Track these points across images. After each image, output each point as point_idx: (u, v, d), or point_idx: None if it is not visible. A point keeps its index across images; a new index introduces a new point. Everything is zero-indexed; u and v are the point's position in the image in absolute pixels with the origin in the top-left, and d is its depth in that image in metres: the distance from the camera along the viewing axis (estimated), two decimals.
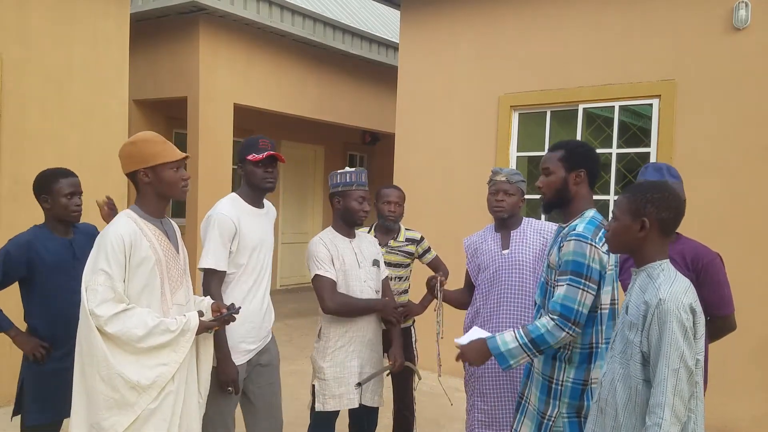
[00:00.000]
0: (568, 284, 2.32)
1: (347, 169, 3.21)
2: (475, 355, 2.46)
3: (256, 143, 3.01)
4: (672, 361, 1.83)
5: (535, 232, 3.15)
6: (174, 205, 8.27)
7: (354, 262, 3.17)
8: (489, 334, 2.63)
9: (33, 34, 4.90)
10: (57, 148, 5.05)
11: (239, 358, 2.91)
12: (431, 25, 6.35)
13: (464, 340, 2.60)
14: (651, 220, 1.98)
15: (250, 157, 2.98)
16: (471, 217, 6.02)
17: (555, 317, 2.31)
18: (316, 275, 3.10)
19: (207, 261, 2.83)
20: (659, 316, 1.87)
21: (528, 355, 2.35)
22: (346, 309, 3.09)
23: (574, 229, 2.37)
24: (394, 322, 3.24)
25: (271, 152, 2.97)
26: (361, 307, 3.12)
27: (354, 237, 3.27)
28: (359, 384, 3.08)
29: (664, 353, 1.84)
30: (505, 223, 3.21)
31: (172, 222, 2.63)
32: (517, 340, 2.35)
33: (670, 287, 1.91)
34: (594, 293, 2.32)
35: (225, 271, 2.87)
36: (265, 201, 3.15)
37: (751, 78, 4.67)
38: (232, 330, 2.85)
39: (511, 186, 3.14)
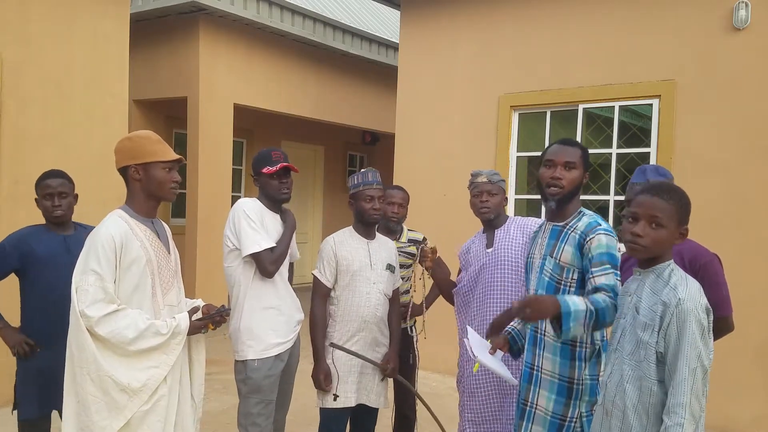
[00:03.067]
0: (608, 273, 2.32)
1: (361, 171, 3.28)
2: (542, 307, 2.22)
3: (270, 156, 3.11)
4: (691, 361, 1.84)
5: (518, 228, 3.16)
6: (174, 205, 8.27)
7: (366, 263, 3.21)
8: (483, 340, 2.67)
9: (33, 34, 4.89)
10: (57, 148, 5.05)
11: (268, 352, 3.01)
12: (431, 25, 6.35)
13: (476, 349, 2.53)
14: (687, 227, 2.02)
15: (264, 170, 3.08)
16: (471, 217, 6.00)
17: (611, 298, 2.25)
18: (314, 274, 3.25)
19: (261, 243, 2.95)
20: (678, 315, 1.88)
21: (584, 324, 2.20)
22: (309, 321, 3.21)
23: (598, 224, 2.41)
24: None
25: (285, 164, 3.08)
26: (312, 334, 3.17)
27: (373, 238, 3.32)
28: (332, 344, 3.14)
29: (684, 353, 1.85)
30: (491, 223, 3.22)
31: (163, 223, 2.63)
32: (586, 305, 2.21)
33: (686, 287, 1.93)
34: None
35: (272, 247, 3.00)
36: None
37: (751, 78, 4.67)
38: (259, 324, 3.00)
39: (493, 186, 3.16)
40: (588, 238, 2.38)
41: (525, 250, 3.05)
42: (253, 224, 2.96)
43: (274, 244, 2.99)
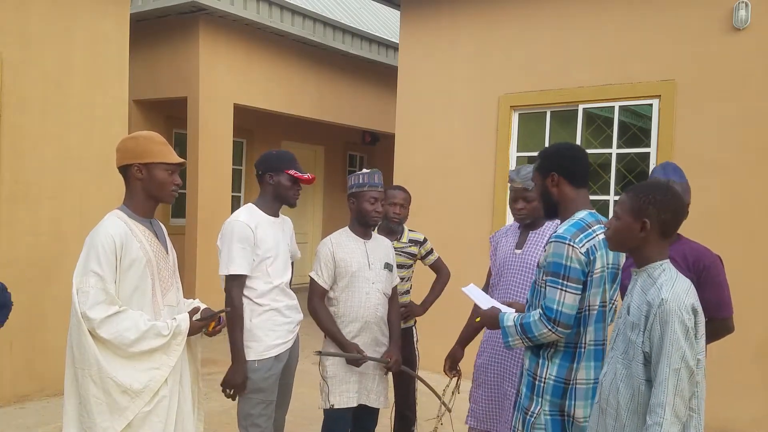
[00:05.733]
0: (549, 285, 2.35)
1: (363, 170, 3.25)
2: (489, 322, 2.59)
3: (294, 160, 3.08)
4: (673, 361, 1.84)
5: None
6: (174, 205, 8.27)
7: (364, 263, 3.21)
8: (483, 293, 2.75)
9: (33, 34, 4.89)
10: (57, 148, 5.05)
11: (268, 353, 3.00)
12: (431, 25, 6.35)
13: (469, 289, 2.74)
14: (652, 221, 1.99)
15: (291, 172, 3.03)
16: (471, 217, 6.02)
17: (541, 312, 2.35)
18: (311, 276, 3.24)
19: (229, 267, 2.92)
20: (661, 316, 1.88)
21: (519, 338, 2.41)
22: (316, 322, 3.21)
23: (555, 231, 2.40)
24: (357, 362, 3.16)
25: (313, 177, 3.08)
26: (327, 330, 3.17)
27: (369, 238, 3.31)
28: (319, 352, 3.13)
29: (666, 353, 1.85)
30: (528, 225, 3.15)
31: (160, 223, 2.63)
32: (514, 321, 2.44)
33: (672, 287, 1.92)
34: (576, 293, 2.31)
35: (246, 275, 2.96)
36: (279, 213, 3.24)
37: (751, 78, 4.67)
38: (258, 326, 2.98)
39: (530, 192, 3.02)
40: (546, 245, 2.45)
41: None
42: (235, 247, 2.91)
43: (245, 272, 2.92)
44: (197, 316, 2.55)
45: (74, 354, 2.26)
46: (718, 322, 2.81)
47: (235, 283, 2.93)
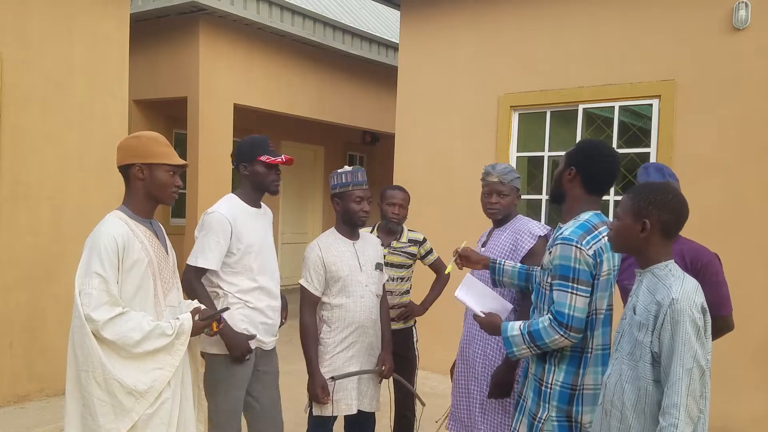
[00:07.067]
0: (558, 289, 2.29)
1: (345, 168, 3.14)
2: (488, 329, 2.55)
3: (266, 145, 2.97)
4: (686, 361, 1.83)
5: (512, 231, 3.06)
6: (174, 205, 8.27)
7: (355, 265, 3.12)
8: (480, 283, 2.77)
9: (33, 34, 4.89)
10: (57, 148, 5.05)
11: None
12: (431, 25, 6.35)
13: (462, 291, 2.75)
14: (653, 221, 1.98)
15: (263, 158, 2.94)
16: (471, 218, 6.01)
17: (551, 317, 2.29)
18: (301, 283, 3.15)
19: (198, 259, 2.86)
20: (672, 315, 1.87)
21: (527, 347, 2.35)
22: (301, 336, 3.09)
23: (561, 233, 2.35)
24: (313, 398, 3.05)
25: (288, 158, 2.97)
26: (306, 352, 3.06)
27: (357, 239, 3.22)
28: (333, 378, 3.04)
29: (678, 353, 1.84)
30: (497, 222, 3.16)
31: (159, 223, 2.62)
32: (520, 329, 2.37)
33: (681, 287, 1.91)
34: (586, 295, 2.27)
35: (210, 269, 2.89)
36: (261, 203, 3.15)
37: (751, 78, 4.67)
38: (236, 324, 2.92)
39: (505, 186, 3.05)
40: (551, 247, 2.39)
41: (513, 254, 2.99)
42: (210, 240, 2.84)
43: (214, 267, 2.86)
44: (197, 317, 2.54)
45: (77, 356, 2.25)
46: (718, 319, 2.81)
47: (196, 275, 2.87)
